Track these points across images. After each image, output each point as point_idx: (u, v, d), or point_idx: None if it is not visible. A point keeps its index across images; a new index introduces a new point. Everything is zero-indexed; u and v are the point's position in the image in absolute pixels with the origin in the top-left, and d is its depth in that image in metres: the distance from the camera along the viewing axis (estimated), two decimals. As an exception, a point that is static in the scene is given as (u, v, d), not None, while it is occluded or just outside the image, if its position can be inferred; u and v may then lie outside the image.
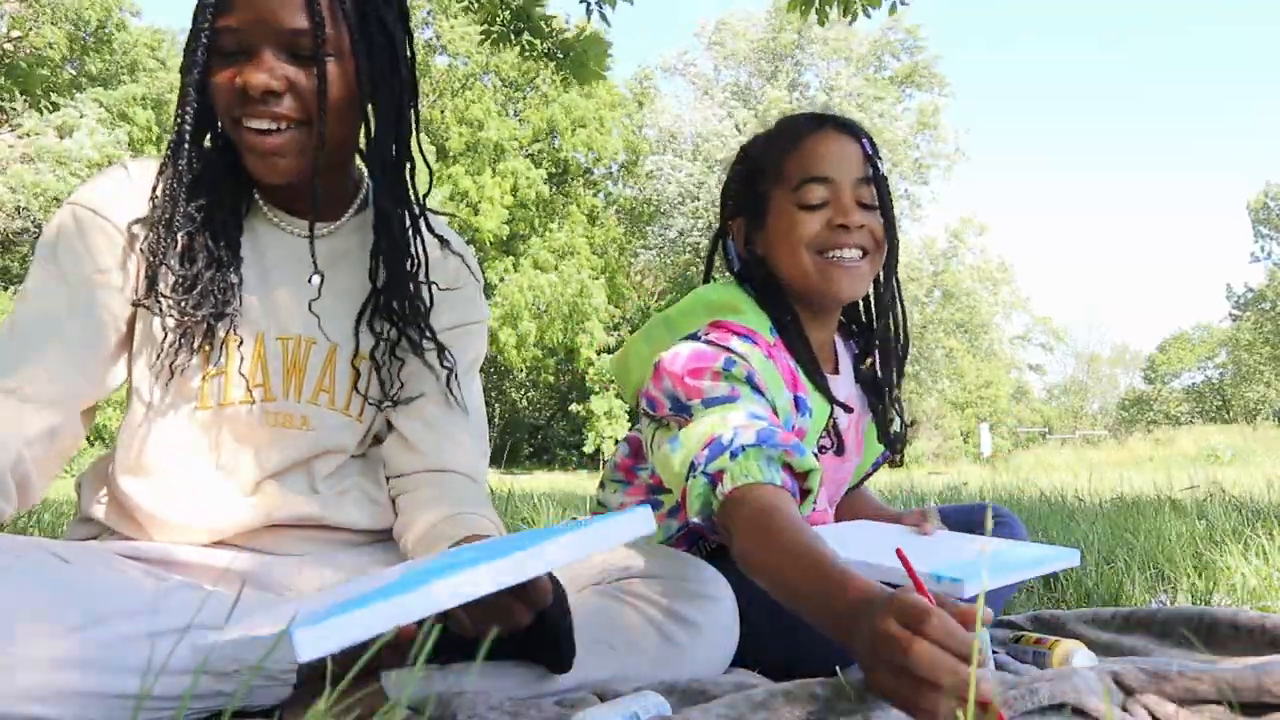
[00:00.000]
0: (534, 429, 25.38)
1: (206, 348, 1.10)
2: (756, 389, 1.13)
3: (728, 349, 1.17)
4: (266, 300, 1.14)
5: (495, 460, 22.38)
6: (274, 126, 1.05)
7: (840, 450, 1.30)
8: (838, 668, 1.16)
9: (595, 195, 24.84)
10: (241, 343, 1.12)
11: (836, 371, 1.36)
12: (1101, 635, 1.35)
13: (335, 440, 1.18)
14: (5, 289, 18.59)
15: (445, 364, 1.21)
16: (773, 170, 1.29)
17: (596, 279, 21.93)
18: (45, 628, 0.83)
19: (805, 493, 1.08)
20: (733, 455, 1.04)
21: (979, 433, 21.70)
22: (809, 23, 4.15)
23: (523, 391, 24.89)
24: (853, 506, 1.53)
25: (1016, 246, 78.09)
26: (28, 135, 16.31)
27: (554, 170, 23.89)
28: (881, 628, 0.74)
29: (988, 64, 76.04)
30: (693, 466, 1.08)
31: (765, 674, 1.15)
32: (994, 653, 1.16)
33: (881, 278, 1.34)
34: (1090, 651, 1.19)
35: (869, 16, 4.07)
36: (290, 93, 1.04)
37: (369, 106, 1.11)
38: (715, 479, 1.04)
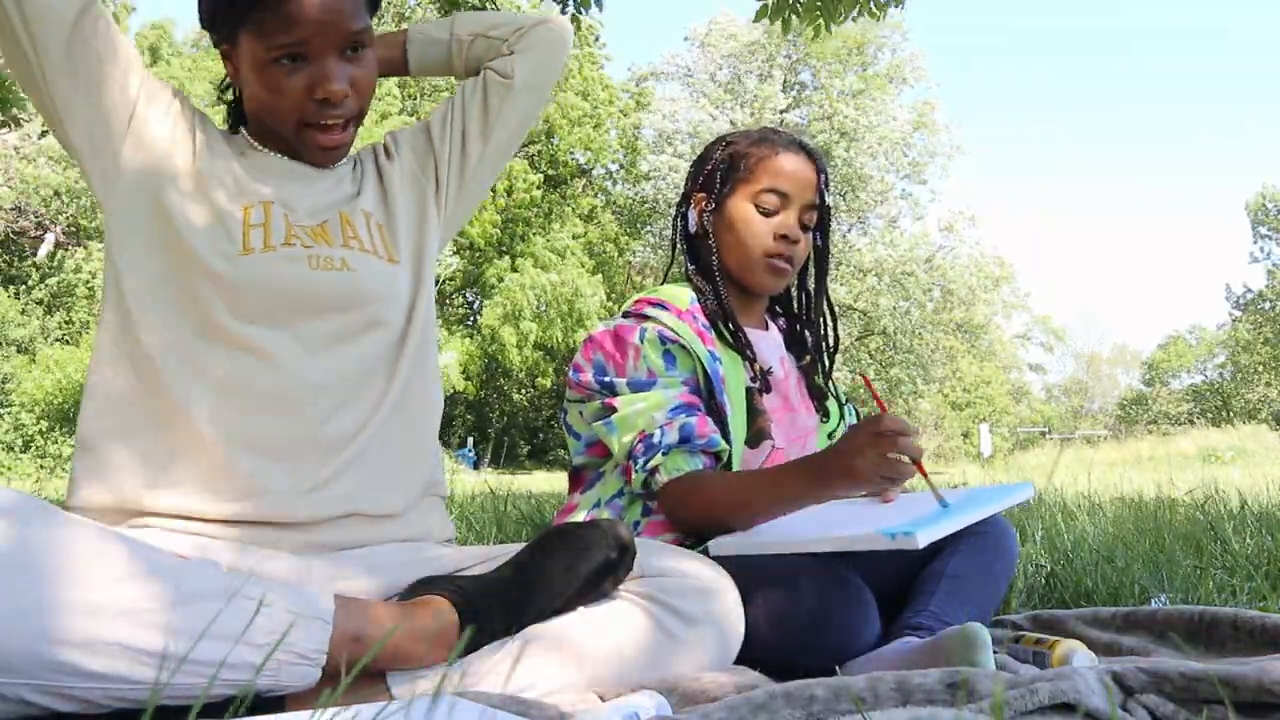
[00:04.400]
0: (533, 429, 25.40)
1: (246, 204, 1.18)
2: (669, 353, 1.41)
3: (643, 316, 1.46)
4: (279, 198, 1.23)
5: (495, 460, 22.37)
6: (342, 123, 1.21)
7: (767, 389, 1.49)
8: (837, 668, 1.18)
9: (595, 196, 24.81)
10: (272, 204, 1.21)
11: (766, 328, 1.61)
12: (1101, 635, 1.35)
13: (377, 287, 1.22)
14: (5, 289, 18.59)
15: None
16: (746, 168, 1.50)
17: (594, 275, 21.90)
18: (89, 576, 0.83)
19: (718, 461, 1.40)
20: (663, 453, 1.35)
21: (979, 433, 21.68)
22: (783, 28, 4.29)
23: (522, 392, 24.89)
24: None
25: (1016, 246, 78.18)
26: (29, 136, 16.31)
27: (552, 171, 23.87)
28: (863, 429, 1.20)
29: (986, 63, 76.13)
30: (632, 456, 1.37)
31: (765, 674, 1.16)
32: (994, 653, 1.16)
33: (812, 286, 1.62)
34: (1090, 651, 1.19)
35: (829, 31, 4.20)
36: (352, 91, 1.19)
37: None
38: (652, 471, 1.36)
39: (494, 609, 1.03)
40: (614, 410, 1.40)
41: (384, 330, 1.22)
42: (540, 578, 1.06)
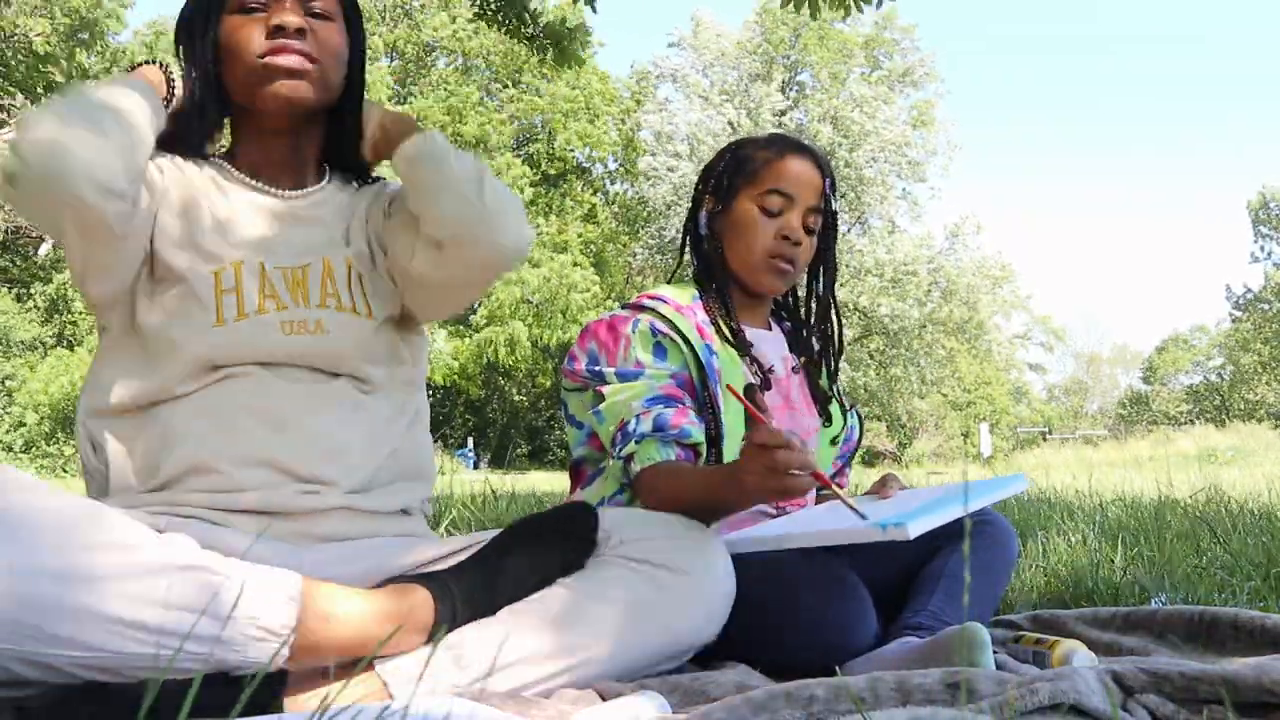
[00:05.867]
0: (533, 429, 25.40)
1: (217, 269, 1.19)
2: (659, 345, 1.43)
3: (639, 307, 1.48)
4: (257, 245, 1.25)
5: (495, 460, 22.36)
6: (298, 54, 1.21)
7: (767, 387, 1.50)
8: (837, 668, 1.18)
9: (594, 195, 24.80)
10: (244, 264, 1.21)
11: (770, 329, 1.62)
12: (1101, 635, 1.35)
13: (350, 346, 1.23)
14: (8, 290, 18.60)
15: None
16: (750, 170, 1.53)
17: (588, 269, 21.89)
18: (62, 543, 0.85)
19: (698, 454, 1.41)
20: (636, 441, 1.37)
21: (979, 433, 21.67)
22: (803, 20, 4.28)
23: (522, 392, 24.87)
24: None
25: (1015, 246, 78.17)
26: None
27: (551, 171, 23.86)
28: (745, 443, 1.16)
29: (986, 62, 76.14)
30: (613, 444, 1.40)
31: (765, 674, 1.16)
32: (994, 653, 1.16)
33: (820, 289, 1.63)
34: (1090, 651, 1.19)
35: (860, 11, 4.17)
36: (311, 36, 1.22)
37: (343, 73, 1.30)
38: (628, 460, 1.38)
39: (470, 591, 1.04)
40: (603, 399, 1.42)
41: (361, 382, 1.25)
42: (514, 560, 1.09)
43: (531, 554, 1.10)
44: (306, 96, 1.23)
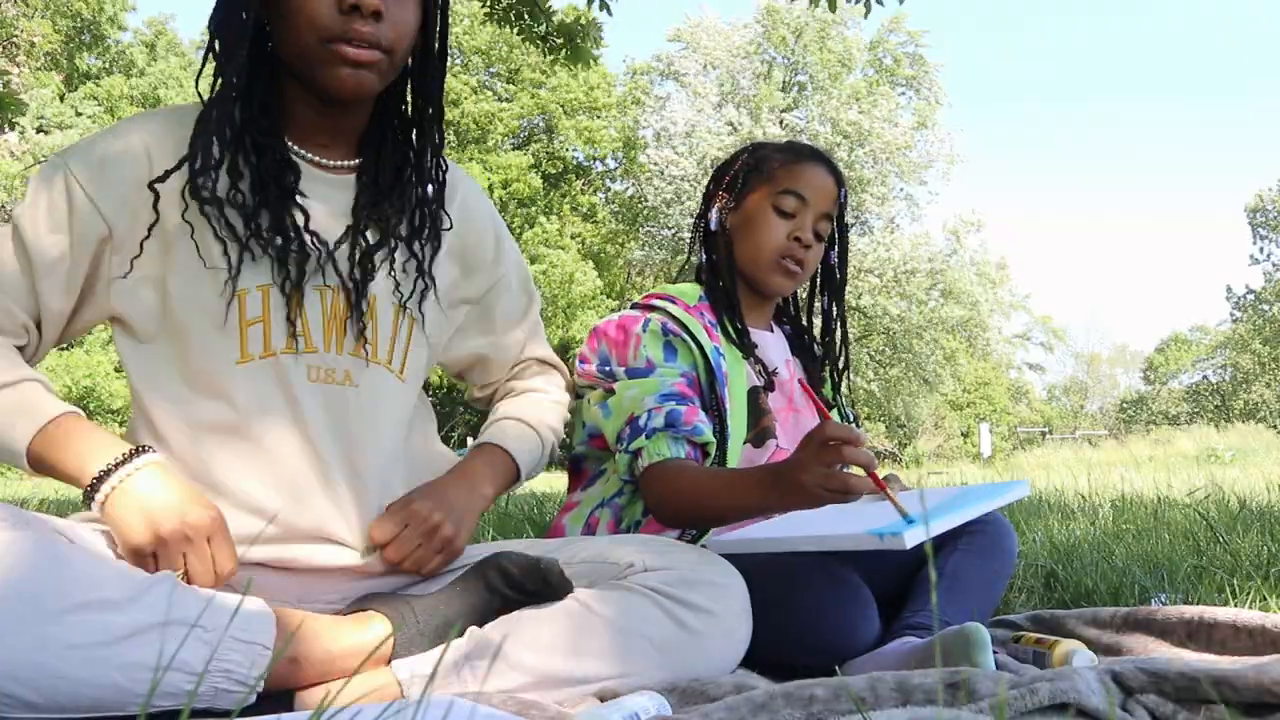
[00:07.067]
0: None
1: (244, 291, 1.07)
2: (669, 345, 1.44)
3: (649, 307, 1.49)
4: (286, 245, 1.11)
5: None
6: (369, 45, 1.08)
7: (771, 388, 1.50)
8: (837, 668, 1.18)
9: (594, 194, 24.80)
10: (271, 287, 1.09)
11: (772, 330, 1.63)
12: (1101, 635, 1.35)
13: (375, 403, 1.14)
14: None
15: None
16: (767, 171, 1.54)
17: (585, 261, 21.88)
18: (18, 611, 0.83)
19: (705, 454, 1.40)
20: (647, 436, 1.35)
21: (979, 432, 21.67)
22: (803, 20, 4.30)
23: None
24: None
25: (1016, 246, 78.12)
26: (26, 138, 16.34)
27: (553, 170, 23.85)
28: (805, 441, 1.11)
29: (986, 62, 76.15)
30: (620, 439, 1.38)
31: (765, 674, 1.16)
32: (994, 653, 1.16)
33: (825, 301, 1.64)
34: (1090, 651, 1.19)
35: (881, 4, 4.15)
36: (386, 19, 1.08)
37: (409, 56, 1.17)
38: (636, 454, 1.36)
39: (429, 622, 1.04)
40: (612, 394, 1.42)
41: (381, 425, 1.17)
42: (480, 599, 1.08)
43: (497, 596, 1.08)
44: (371, 88, 1.12)
